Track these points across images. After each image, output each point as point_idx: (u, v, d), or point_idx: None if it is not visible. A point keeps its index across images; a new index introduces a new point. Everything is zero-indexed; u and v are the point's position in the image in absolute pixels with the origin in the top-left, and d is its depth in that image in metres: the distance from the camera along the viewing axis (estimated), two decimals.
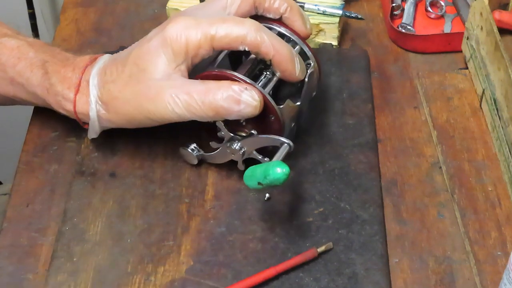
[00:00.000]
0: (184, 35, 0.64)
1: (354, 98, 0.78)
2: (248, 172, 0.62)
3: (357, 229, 0.66)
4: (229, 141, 0.68)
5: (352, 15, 0.84)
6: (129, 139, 0.74)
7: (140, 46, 0.67)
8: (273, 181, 0.59)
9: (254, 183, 0.61)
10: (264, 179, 0.60)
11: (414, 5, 0.90)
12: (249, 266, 0.64)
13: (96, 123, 0.69)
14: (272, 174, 0.59)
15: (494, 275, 0.63)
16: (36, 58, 0.70)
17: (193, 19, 0.65)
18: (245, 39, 0.64)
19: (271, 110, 0.65)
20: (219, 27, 0.64)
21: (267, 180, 0.60)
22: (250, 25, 0.64)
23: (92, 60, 0.70)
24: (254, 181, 0.61)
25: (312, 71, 0.69)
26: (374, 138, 0.75)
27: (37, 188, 0.71)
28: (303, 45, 0.70)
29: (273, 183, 0.60)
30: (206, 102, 0.63)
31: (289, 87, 0.70)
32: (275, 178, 0.59)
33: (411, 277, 0.64)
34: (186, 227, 0.67)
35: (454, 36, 0.84)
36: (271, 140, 0.66)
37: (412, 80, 0.82)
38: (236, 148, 0.68)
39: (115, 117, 0.68)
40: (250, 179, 0.62)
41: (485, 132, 0.75)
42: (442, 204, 0.70)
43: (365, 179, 0.70)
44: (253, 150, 0.68)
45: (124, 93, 0.66)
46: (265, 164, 0.61)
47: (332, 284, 0.63)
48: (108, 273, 0.64)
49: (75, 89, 0.68)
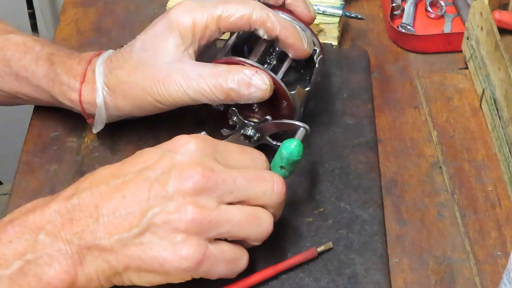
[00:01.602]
0: (190, 17, 0.65)
1: (354, 98, 0.78)
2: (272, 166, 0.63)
3: (357, 229, 0.66)
4: (242, 128, 0.68)
5: (352, 15, 0.84)
6: (129, 139, 0.74)
7: (145, 33, 0.67)
8: (290, 157, 0.61)
9: (279, 170, 0.62)
10: (282, 160, 0.61)
11: (414, 5, 0.90)
12: (249, 266, 0.64)
13: (103, 111, 0.69)
14: (286, 151, 0.61)
15: (494, 275, 0.63)
16: (42, 51, 0.70)
17: (197, 2, 0.66)
18: (250, 17, 0.65)
19: (283, 95, 0.66)
20: (224, 7, 0.65)
21: (285, 160, 0.61)
22: (255, 4, 0.65)
23: (97, 54, 0.70)
24: (277, 169, 0.62)
25: (321, 56, 0.69)
26: (374, 138, 0.75)
27: (37, 188, 0.71)
28: (306, 30, 0.70)
29: (291, 159, 0.61)
30: (217, 85, 0.64)
31: (294, 72, 0.71)
32: (289, 153, 0.61)
33: (411, 277, 0.64)
34: None
35: (454, 36, 0.84)
36: (287, 125, 0.67)
37: (412, 80, 0.82)
38: (250, 134, 0.68)
39: (122, 103, 0.68)
40: (273, 169, 0.62)
41: (485, 132, 0.75)
42: (442, 204, 0.70)
43: (365, 179, 0.70)
44: (266, 136, 0.68)
45: (133, 77, 0.66)
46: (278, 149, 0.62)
47: (332, 284, 0.63)
48: None
49: (81, 78, 0.68)
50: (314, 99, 0.76)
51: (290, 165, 0.61)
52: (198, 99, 0.65)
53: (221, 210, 0.55)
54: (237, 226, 0.56)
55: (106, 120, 0.70)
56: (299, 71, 0.71)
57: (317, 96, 0.77)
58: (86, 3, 0.93)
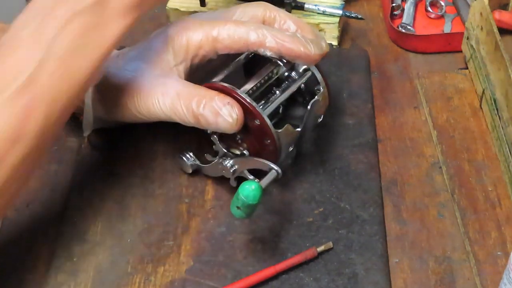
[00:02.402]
0: (186, 35, 0.65)
1: (354, 98, 0.78)
2: (231, 203, 0.62)
3: (357, 229, 0.66)
4: (222, 157, 0.68)
5: (352, 15, 0.84)
6: (129, 139, 0.74)
7: (143, 43, 0.67)
8: (245, 200, 0.59)
9: (235, 210, 0.61)
10: (237, 200, 0.60)
11: (414, 5, 0.90)
12: (249, 266, 0.64)
13: (90, 112, 0.68)
14: (242, 193, 0.59)
15: (494, 275, 0.63)
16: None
17: (196, 20, 0.66)
18: (248, 39, 0.64)
19: (267, 133, 0.64)
20: (220, 29, 0.64)
21: (241, 200, 0.60)
22: (250, 25, 0.64)
23: None
24: (234, 208, 0.61)
25: (316, 99, 0.67)
26: (374, 138, 0.75)
27: (37, 188, 0.71)
28: (314, 69, 0.69)
29: (246, 202, 0.59)
30: (189, 108, 0.63)
31: (300, 106, 0.70)
32: (245, 195, 0.59)
33: (411, 277, 0.64)
34: (186, 227, 0.67)
35: (454, 36, 0.84)
36: (260, 164, 0.65)
37: (412, 80, 0.82)
38: (227, 165, 0.67)
39: (109, 105, 0.67)
40: (232, 207, 0.61)
41: (485, 132, 0.75)
42: (442, 204, 0.70)
43: (365, 179, 0.70)
44: (244, 169, 0.67)
45: (122, 84, 0.66)
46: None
47: (332, 284, 0.63)
48: (108, 273, 0.64)
49: None
50: (312, 141, 0.74)
51: (245, 207, 0.60)
52: (171, 117, 0.64)
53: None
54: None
55: (93, 123, 0.69)
56: (306, 105, 0.68)
57: None
58: None
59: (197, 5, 0.86)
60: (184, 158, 0.70)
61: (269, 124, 0.64)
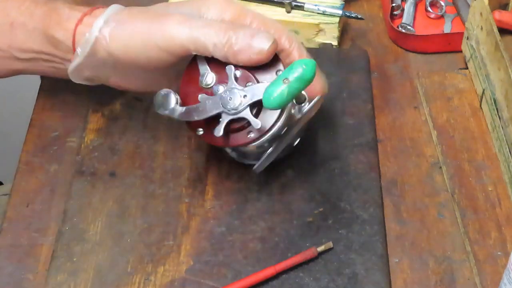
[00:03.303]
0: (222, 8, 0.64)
1: (354, 98, 0.78)
2: (268, 90, 0.59)
3: (357, 229, 0.66)
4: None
5: (352, 15, 0.84)
6: (129, 139, 0.74)
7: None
8: (305, 67, 0.58)
9: (278, 85, 0.58)
10: (290, 71, 0.58)
11: (414, 5, 0.90)
12: (249, 266, 0.64)
13: (92, 38, 0.65)
14: (301, 62, 0.58)
15: (494, 275, 0.63)
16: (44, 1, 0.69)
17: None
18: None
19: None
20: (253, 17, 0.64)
21: (296, 70, 0.58)
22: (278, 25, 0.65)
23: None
24: (278, 84, 0.58)
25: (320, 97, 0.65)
26: (374, 138, 0.75)
27: (37, 188, 0.71)
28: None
29: (304, 71, 0.58)
30: (222, 26, 0.62)
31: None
32: (305, 62, 0.58)
33: (411, 277, 0.64)
34: (186, 227, 0.67)
35: (454, 36, 0.84)
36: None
37: (412, 80, 0.82)
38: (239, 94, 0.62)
39: (120, 35, 0.64)
40: (273, 87, 0.59)
41: (485, 132, 0.75)
42: (442, 204, 0.70)
43: (365, 179, 0.70)
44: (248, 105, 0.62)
45: (143, 13, 0.65)
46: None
47: (332, 284, 0.63)
48: (108, 273, 0.64)
49: (86, 11, 0.66)
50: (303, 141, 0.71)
51: (298, 80, 0.58)
52: (198, 39, 0.61)
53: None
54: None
55: (88, 51, 0.65)
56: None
57: None
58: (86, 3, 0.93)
59: None
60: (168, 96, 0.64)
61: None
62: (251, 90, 0.62)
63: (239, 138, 0.64)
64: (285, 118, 0.64)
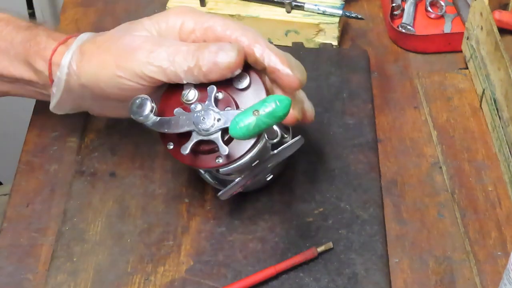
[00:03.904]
0: (181, 19, 0.63)
1: (354, 98, 0.78)
2: (236, 118, 0.57)
3: (357, 229, 0.66)
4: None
5: (352, 15, 0.84)
6: (129, 139, 0.74)
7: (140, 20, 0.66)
8: (278, 103, 0.56)
9: (248, 115, 0.56)
10: (262, 104, 0.56)
11: (414, 5, 0.90)
12: (249, 266, 0.64)
13: (64, 75, 0.65)
14: (274, 97, 0.56)
15: (494, 275, 0.63)
16: (27, 24, 0.69)
17: (197, 9, 0.64)
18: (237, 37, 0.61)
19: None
20: (218, 20, 0.62)
21: (269, 104, 0.56)
22: (245, 26, 0.62)
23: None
24: (248, 114, 0.56)
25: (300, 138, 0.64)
26: (374, 138, 0.75)
27: (37, 188, 0.71)
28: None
29: (278, 107, 0.56)
30: (190, 49, 0.61)
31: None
32: (279, 99, 0.56)
33: (411, 277, 0.64)
34: (186, 227, 0.67)
35: (454, 36, 0.84)
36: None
37: (412, 80, 0.82)
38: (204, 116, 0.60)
39: (88, 67, 0.64)
40: (242, 116, 0.57)
41: (485, 132, 0.75)
42: (442, 204, 0.70)
43: (365, 179, 0.70)
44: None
45: (109, 43, 0.64)
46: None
47: (332, 284, 0.63)
48: (108, 273, 0.64)
49: (61, 41, 0.66)
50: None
51: (269, 115, 0.56)
52: (162, 69, 0.61)
53: None
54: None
55: (63, 88, 0.66)
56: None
57: (317, 96, 0.77)
58: (86, 3, 0.93)
59: (197, 5, 0.86)
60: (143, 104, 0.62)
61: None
62: (226, 115, 0.60)
63: (206, 161, 0.62)
64: (258, 151, 0.62)
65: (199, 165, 0.62)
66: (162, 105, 0.63)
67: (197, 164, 0.62)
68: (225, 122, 0.59)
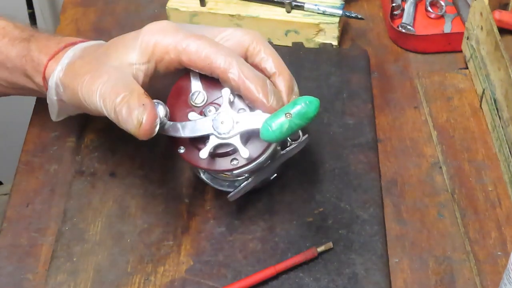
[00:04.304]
0: (156, 37, 0.61)
1: (354, 98, 0.78)
2: (268, 121, 0.57)
3: (357, 229, 0.66)
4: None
5: (352, 15, 0.84)
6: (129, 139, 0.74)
7: (119, 37, 0.65)
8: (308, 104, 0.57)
9: (280, 118, 0.56)
10: (293, 106, 0.57)
11: (414, 5, 0.90)
12: (249, 266, 0.64)
13: (53, 91, 0.66)
14: (305, 98, 0.57)
15: (494, 275, 0.63)
16: (21, 34, 0.69)
17: (175, 26, 0.62)
18: (212, 62, 0.60)
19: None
20: (193, 41, 0.60)
21: (300, 104, 0.57)
22: (221, 49, 0.60)
23: (83, 41, 0.68)
24: (279, 116, 0.57)
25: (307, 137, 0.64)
26: (374, 138, 0.75)
27: (37, 188, 0.71)
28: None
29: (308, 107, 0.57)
30: (113, 100, 0.60)
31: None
32: (309, 100, 0.57)
33: (411, 277, 0.64)
34: (186, 227, 0.67)
35: (454, 36, 0.84)
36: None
37: (412, 80, 0.82)
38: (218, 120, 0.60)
39: (66, 91, 0.64)
40: (274, 119, 0.57)
41: (485, 132, 0.75)
42: (442, 204, 0.70)
43: (365, 179, 0.70)
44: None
45: (81, 69, 0.63)
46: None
47: (332, 284, 0.63)
48: (108, 273, 0.64)
49: (51, 55, 0.66)
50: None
51: (301, 116, 0.56)
52: (102, 108, 0.61)
53: None
54: None
55: (55, 104, 0.67)
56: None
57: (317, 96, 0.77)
58: (86, 3, 0.93)
59: (197, 5, 0.86)
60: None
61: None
62: (245, 117, 0.60)
63: (222, 164, 0.62)
64: (272, 151, 0.62)
65: (214, 168, 0.62)
66: (170, 108, 0.62)
67: (213, 167, 0.62)
68: (245, 125, 0.60)
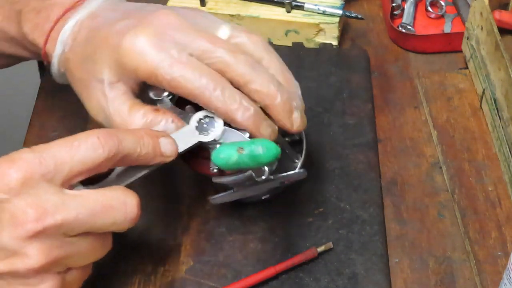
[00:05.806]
0: (135, 62, 0.58)
1: (354, 98, 0.78)
2: (220, 148, 0.56)
3: (357, 229, 0.66)
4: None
5: (352, 15, 0.84)
6: None
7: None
8: (265, 148, 0.55)
9: (231, 149, 0.55)
10: (247, 144, 0.55)
11: (414, 5, 0.90)
12: (249, 266, 0.64)
13: (57, 72, 0.64)
14: (261, 141, 0.55)
15: (494, 275, 0.63)
16: (10, 10, 0.67)
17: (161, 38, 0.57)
18: (197, 97, 0.57)
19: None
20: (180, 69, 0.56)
21: (255, 146, 0.54)
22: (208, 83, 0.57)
23: (70, 8, 0.64)
24: (231, 148, 0.55)
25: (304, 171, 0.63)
26: (374, 138, 0.75)
27: None
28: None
29: (264, 152, 0.55)
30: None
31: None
32: (265, 144, 0.55)
33: (411, 277, 0.64)
34: (186, 227, 0.67)
35: (454, 36, 0.84)
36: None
37: (412, 80, 0.82)
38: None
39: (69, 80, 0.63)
40: (225, 149, 0.55)
41: (485, 132, 0.75)
42: (442, 204, 0.70)
43: (365, 179, 0.70)
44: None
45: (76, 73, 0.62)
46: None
47: (332, 284, 0.63)
48: (108, 273, 0.64)
49: (45, 39, 0.64)
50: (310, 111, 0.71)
51: (252, 158, 0.55)
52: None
53: (64, 246, 0.52)
54: (84, 256, 0.54)
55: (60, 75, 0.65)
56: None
57: (317, 96, 0.77)
58: None
59: (197, 5, 0.86)
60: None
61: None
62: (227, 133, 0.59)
63: (202, 165, 0.62)
64: (249, 174, 0.60)
65: (194, 167, 0.62)
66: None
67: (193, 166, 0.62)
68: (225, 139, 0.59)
